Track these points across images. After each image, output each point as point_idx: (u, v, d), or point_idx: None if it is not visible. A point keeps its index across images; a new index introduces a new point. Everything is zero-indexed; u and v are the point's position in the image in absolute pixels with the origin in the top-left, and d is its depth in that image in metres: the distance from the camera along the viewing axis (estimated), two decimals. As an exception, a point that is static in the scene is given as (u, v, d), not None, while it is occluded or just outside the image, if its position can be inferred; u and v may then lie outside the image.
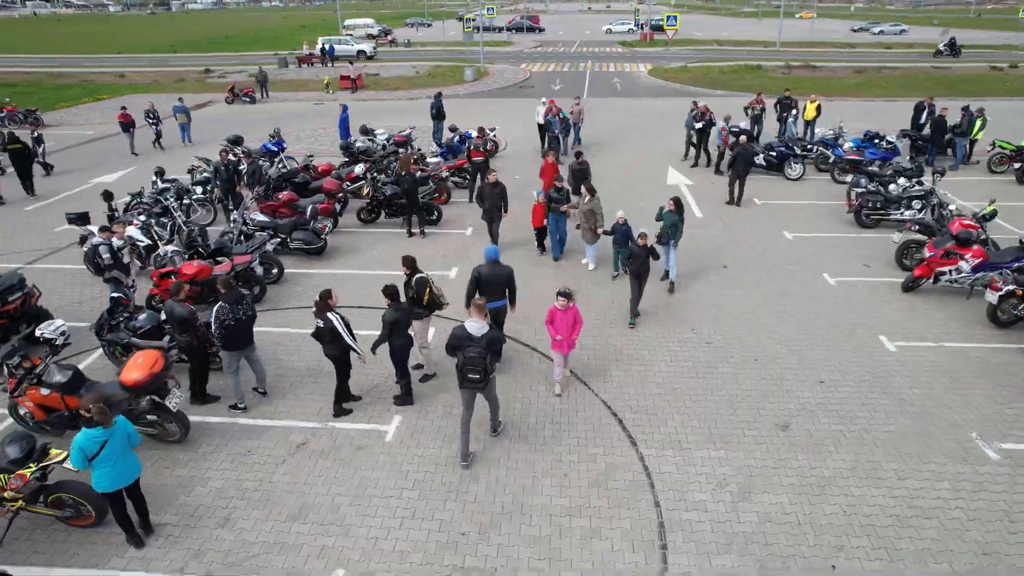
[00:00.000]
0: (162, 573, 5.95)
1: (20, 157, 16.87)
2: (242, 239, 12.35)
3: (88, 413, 5.28)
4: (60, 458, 5.93)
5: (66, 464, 5.83)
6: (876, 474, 7.07)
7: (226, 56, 50.29)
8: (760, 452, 7.44)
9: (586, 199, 11.35)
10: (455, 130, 18.95)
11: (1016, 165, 16.99)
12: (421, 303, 8.11)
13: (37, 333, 7.60)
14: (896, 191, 14.13)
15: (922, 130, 19.50)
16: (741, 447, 7.52)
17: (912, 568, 5.95)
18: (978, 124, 17.75)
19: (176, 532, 6.39)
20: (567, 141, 20.01)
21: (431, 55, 48.99)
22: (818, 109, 20.11)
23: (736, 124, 18.04)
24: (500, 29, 69.86)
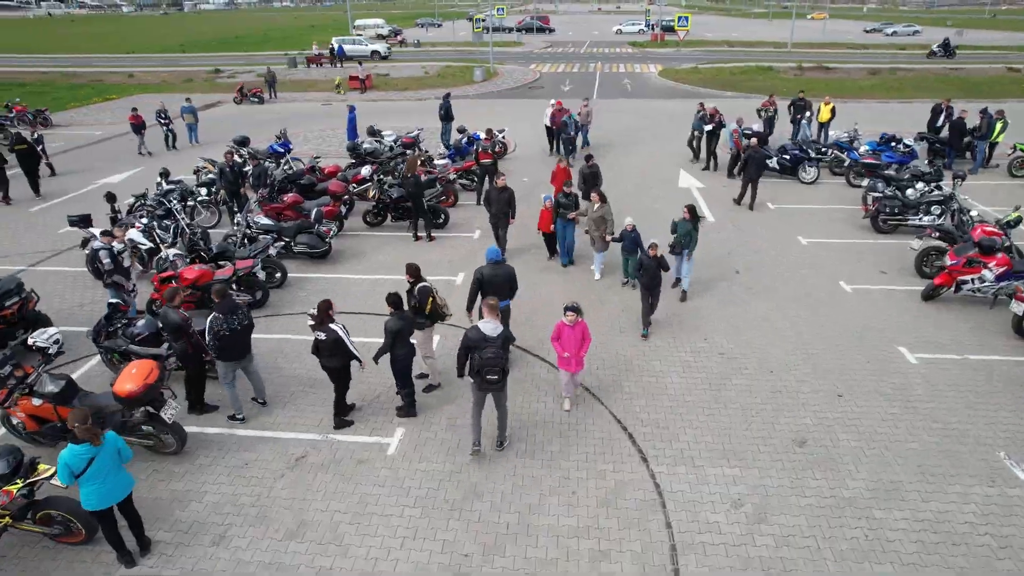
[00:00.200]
0: (153, 593, 5.75)
1: (27, 157, 16.91)
2: (246, 242, 12.17)
3: (75, 430, 5.06)
4: (48, 474, 5.73)
5: (53, 480, 5.62)
6: (899, 495, 6.75)
7: (236, 56, 50.38)
8: (776, 470, 7.14)
9: (596, 206, 11.04)
10: (463, 131, 18.72)
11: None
12: (423, 313, 7.85)
13: (29, 341, 7.41)
14: (914, 196, 13.76)
15: (940, 132, 19.08)
16: (756, 464, 7.22)
17: (939, 598, 5.65)
18: (999, 127, 17.31)
19: (169, 551, 6.16)
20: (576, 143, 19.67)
21: (441, 55, 48.82)
22: (832, 111, 19.72)
23: (749, 127, 17.69)
24: (510, 29, 69.69)
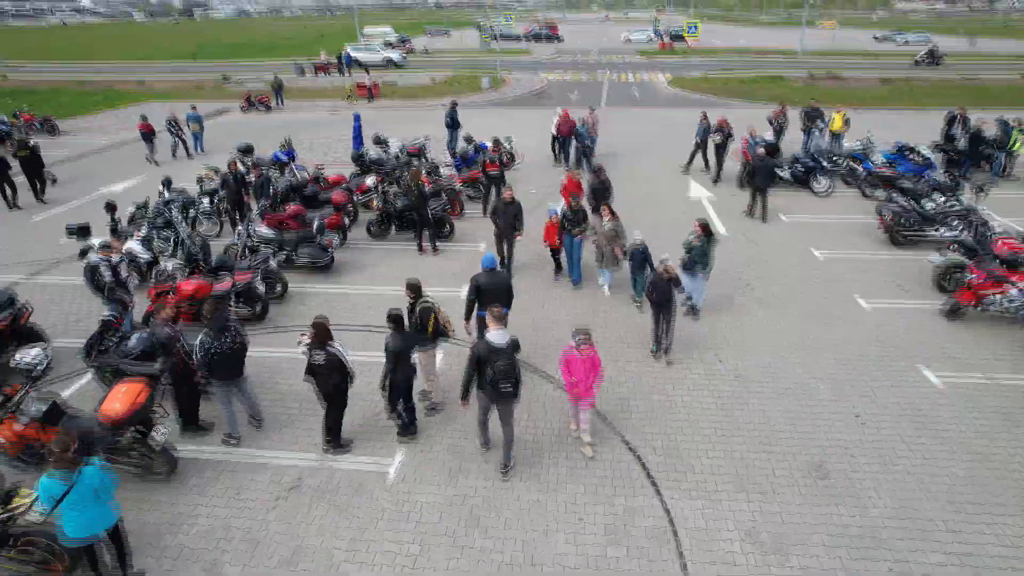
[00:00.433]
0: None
1: (29, 163, 16.87)
2: (247, 253, 11.94)
3: (51, 457, 4.80)
4: (28, 501, 5.45)
5: (33, 509, 5.35)
6: (925, 527, 6.39)
7: (244, 64, 50.56)
8: (794, 498, 6.80)
9: (606, 221, 10.66)
10: (470, 140, 18.48)
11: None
12: (425, 332, 7.56)
13: (12, 364, 7.13)
14: (932, 208, 13.38)
15: (955, 142, 18.69)
16: (773, 492, 6.88)
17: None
18: (1018, 136, 16.91)
19: (156, 581, 5.89)
20: (575, 151, 19.21)
21: (448, 63, 48.80)
22: (846, 121, 19.35)
23: (762, 136, 17.36)
24: (518, 38, 69.72)
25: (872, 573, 5.92)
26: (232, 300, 10.11)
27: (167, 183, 14.22)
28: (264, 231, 12.20)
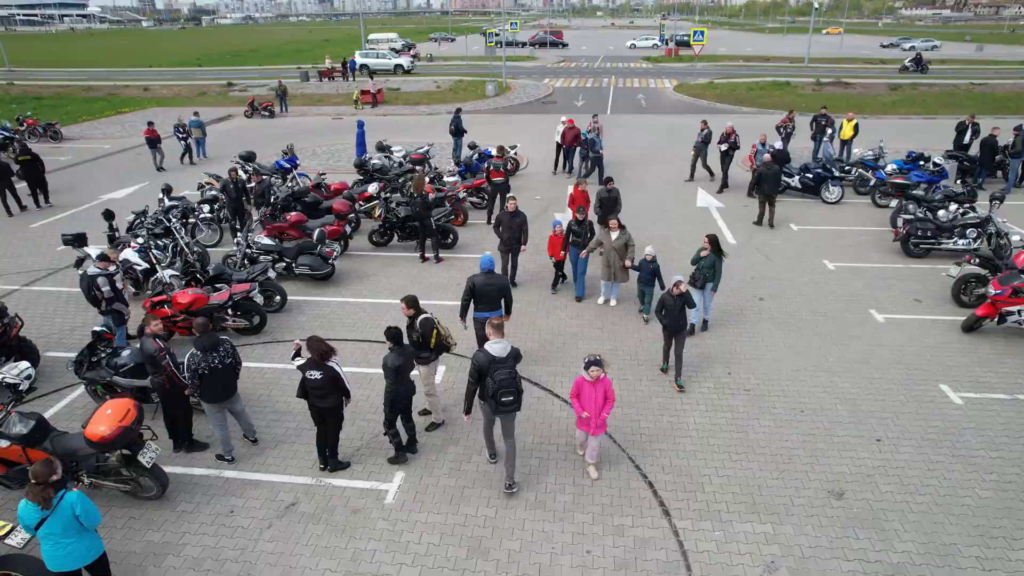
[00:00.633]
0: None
1: (30, 168, 16.72)
2: (246, 263, 11.69)
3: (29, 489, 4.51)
4: (5, 531, 5.17)
5: (11, 536, 5.06)
6: (954, 560, 6.03)
7: (249, 70, 50.57)
8: (812, 526, 6.45)
9: (615, 234, 10.30)
10: (474, 147, 18.23)
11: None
12: (428, 346, 7.26)
13: (-3, 379, 6.89)
14: (947, 218, 13.04)
15: (967, 150, 18.34)
16: (790, 520, 6.53)
17: None
18: (1034, 145, 16.55)
19: (140, 613, 5.60)
20: (579, 161, 18.85)
21: (454, 70, 48.68)
22: (856, 128, 19.04)
23: (772, 144, 17.04)
24: (523, 44, 69.72)
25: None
26: (229, 312, 9.84)
27: (167, 190, 14.02)
28: (263, 241, 11.94)
